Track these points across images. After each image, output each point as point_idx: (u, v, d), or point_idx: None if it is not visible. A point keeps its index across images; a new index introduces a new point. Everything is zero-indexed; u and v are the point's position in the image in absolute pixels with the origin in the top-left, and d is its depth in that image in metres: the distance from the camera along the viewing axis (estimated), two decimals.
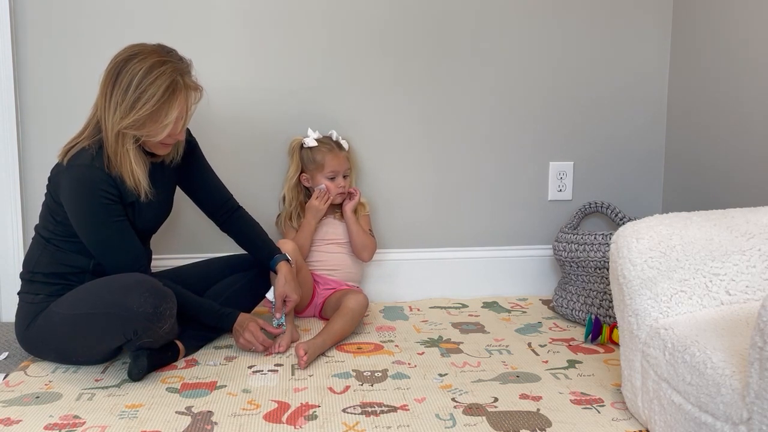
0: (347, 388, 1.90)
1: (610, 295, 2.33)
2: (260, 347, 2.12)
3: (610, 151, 2.75)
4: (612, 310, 2.29)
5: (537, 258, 2.76)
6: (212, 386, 1.92)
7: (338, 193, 2.49)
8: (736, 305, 1.63)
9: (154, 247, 2.26)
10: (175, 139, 2.02)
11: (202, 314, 2.11)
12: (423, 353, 2.15)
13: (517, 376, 1.97)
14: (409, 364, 2.07)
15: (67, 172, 1.95)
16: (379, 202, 2.66)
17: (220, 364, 2.07)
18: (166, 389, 1.90)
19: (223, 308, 2.14)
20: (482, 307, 2.61)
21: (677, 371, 1.49)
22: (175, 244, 2.54)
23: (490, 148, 2.70)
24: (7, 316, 2.46)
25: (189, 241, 2.55)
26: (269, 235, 2.33)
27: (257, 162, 2.57)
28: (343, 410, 1.76)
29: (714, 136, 2.48)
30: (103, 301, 1.89)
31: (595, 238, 2.40)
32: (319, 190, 2.47)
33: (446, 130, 2.67)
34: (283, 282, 2.19)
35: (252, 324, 2.12)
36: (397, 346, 2.21)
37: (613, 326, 2.20)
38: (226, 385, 1.92)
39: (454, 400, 1.82)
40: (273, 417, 1.73)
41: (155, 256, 2.28)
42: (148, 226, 2.12)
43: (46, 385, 1.93)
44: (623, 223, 2.44)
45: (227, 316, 2.13)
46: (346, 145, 2.52)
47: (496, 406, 1.78)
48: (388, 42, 2.59)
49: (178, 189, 2.24)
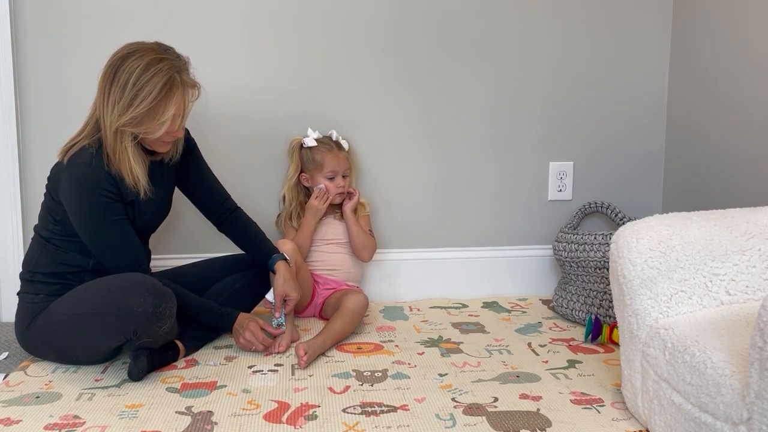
0: (347, 388, 1.90)
1: (610, 295, 2.33)
2: (260, 347, 2.12)
3: (610, 151, 2.75)
4: (612, 310, 2.29)
5: (537, 258, 2.76)
6: (212, 386, 1.92)
7: (337, 193, 2.49)
8: (736, 305, 1.63)
9: (154, 247, 2.26)
10: (174, 137, 2.02)
11: (202, 314, 2.11)
12: (423, 353, 2.15)
13: (517, 376, 1.97)
14: (409, 364, 2.07)
15: (67, 170, 1.95)
16: (379, 202, 2.66)
17: (220, 364, 2.07)
18: (166, 389, 1.90)
19: (223, 308, 2.14)
20: (482, 307, 2.61)
21: (677, 371, 1.49)
22: (174, 244, 2.54)
23: (490, 148, 2.70)
24: (7, 316, 2.46)
25: (188, 241, 2.55)
26: (269, 235, 2.33)
27: (257, 162, 2.57)
28: (343, 410, 1.76)
29: (714, 136, 2.48)
30: (103, 300, 1.89)
31: (595, 238, 2.40)
32: (319, 190, 2.47)
33: (446, 130, 2.67)
34: (282, 281, 2.19)
35: (252, 324, 2.12)
36: (397, 346, 2.21)
37: (613, 326, 2.20)
38: (226, 385, 1.92)
39: (454, 400, 1.82)
40: (273, 417, 1.73)
41: (155, 256, 2.28)
42: (147, 225, 2.12)
43: (46, 385, 1.93)
44: (623, 223, 2.44)
45: (227, 316, 2.13)
46: (346, 145, 2.52)
47: (496, 406, 1.78)
48: (388, 42, 2.59)
49: (177, 190, 2.24)
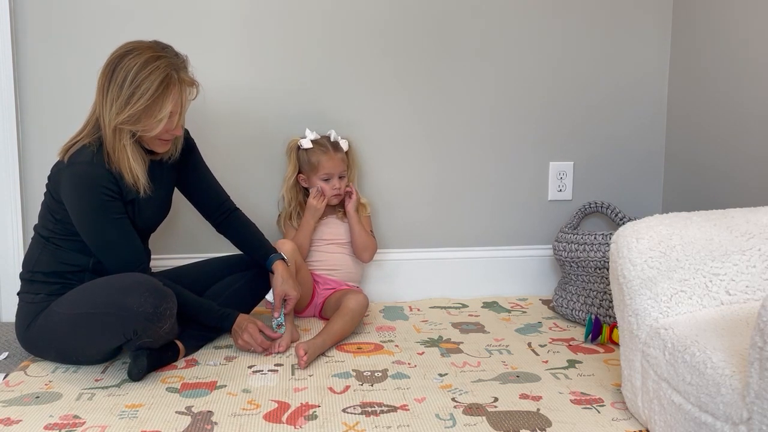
0: (347, 388, 1.90)
1: (610, 295, 2.33)
2: (258, 349, 2.12)
3: (610, 151, 2.75)
4: (612, 310, 2.29)
5: (537, 258, 2.76)
6: (212, 386, 1.91)
7: (333, 195, 2.48)
8: (736, 305, 1.63)
9: (154, 247, 2.26)
10: (173, 135, 2.03)
11: (202, 314, 2.11)
12: (423, 353, 2.15)
13: (517, 376, 1.97)
14: (409, 364, 2.07)
15: (68, 169, 1.95)
16: (380, 202, 2.66)
17: (220, 364, 2.07)
18: (166, 389, 1.90)
19: (223, 309, 2.14)
20: (482, 307, 2.61)
21: (677, 371, 1.49)
22: (174, 244, 2.54)
23: (490, 148, 2.70)
24: (7, 316, 2.46)
25: (188, 241, 2.55)
26: (269, 236, 2.33)
27: (257, 162, 2.57)
28: (343, 410, 1.76)
29: (714, 136, 2.48)
30: (103, 300, 1.89)
31: (595, 238, 2.40)
32: (316, 190, 2.47)
33: (446, 130, 2.67)
34: (281, 281, 2.19)
35: (251, 326, 2.12)
36: (397, 346, 2.21)
37: (613, 326, 2.20)
38: (226, 385, 1.92)
39: (454, 400, 1.82)
40: (273, 417, 1.73)
41: (154, 256, 2.28)
42: (147, 224, 2.12)
43: (46, 385, 1.93)
44: (623, 223, 2.44)
45: (226, 317, 2.13)
46: (345, 146, 2.51)
47: (496, 406, 1.78)
48: (388, 42, 2.59)
49: (177, 190, 2.24)
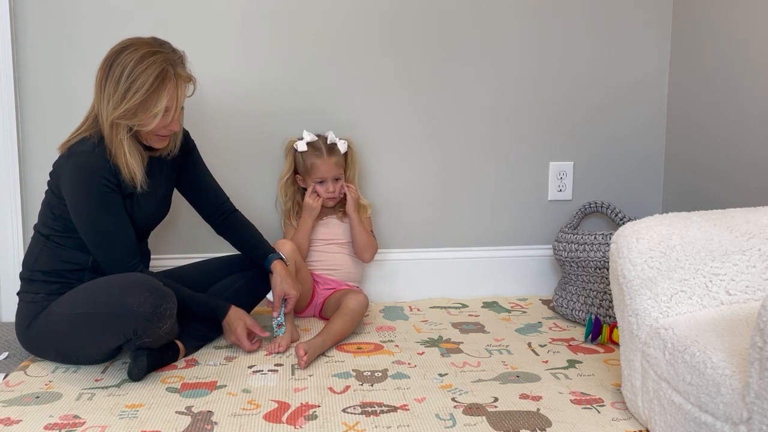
0: (347, 388, 1.90)
1: (610, 295, 2.33)
2: (246, 349, 2.13)
3: (610, 151, 2.75)
4: (612, 310, 2.29)
5: (537, 258, 2.76)
6: (212, 386, 1.92)
7: (328, 197, 2.47)
8: (736, 305, 1.63)
9: (153, 247, 2.26)
10: (170, 131, 2.03)
11: (194, 305, 2.09)
12: (423, 353, 2.15)
13: (517, 376, 1.97)
14: (409, 364, 2.07)
15: (69, 159, 1.96)
16: (380, 202, 2.66)
17: (220, 364, 2.07)
18: (166, 389, 1.90)
19: (215, 300, 2.13)
20: (482, 307, 2.61)
21: (677, 371, 1.49)
22: (174, 244, 2.54)
23: (490, 148, 2.70)
24: (7, 316, 2.46)
25: (188, 241, 2.55)
26: (269, 236, 2.33)
27: (256, 162, 2.57)
28: (343, 410, 1.76)
29: (714, 136, 2.48)
30: (103, 300, 1.89)
31: (595, 238, 2.40)
32: (312, 189, 2.47)
33: (446, 130, 2.67)
34: (280, 280, 2.19)
35: (239, 328, 2.11)
36: (397, 346, 2.21)
37: (613, 326, 2.20)
38: (226, 385, 1.92)
39: (454, 400, 1.82)
40: (273, 417, 1.73)
41: (154, 256, 2.28)
42: (146, 221, 2.12)
43: (46, 385, 1.93)
44: (623, 223, 2.44)
45: (219, 309, 2.12)
46: (343, 147, 2.49)
47: (496, 406, 1.78)
48: (388, 42, 2.59)
49: (176, 192, 2.24)
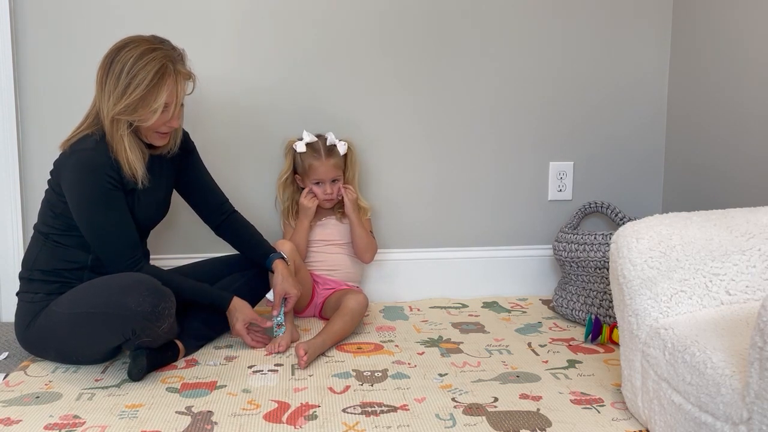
0: (347, 388, 1.90)
1: (610, 295, 2.33)
2: (249, 344, 2.17)
3: (610, 151, 2.75)
4: (612, 310, 2.29)
5: (537, 258, 2.76)
6: (212, 386, 1.92)
7: (325, 199, 2.47)
8: (736, 305, 1.63)
9: (153, 247, 2.26)
10: (170, 128, 2.03)
11: (200, 296, 2.11)
12: (423, 353, 2.15)
13: (517, 376, 1.97)
14: (409, 364, 2.07)
15: (72, 156, 1.96)
16: (380, 202, 2.66)
17: (220, 364, 2.07)
18: (166, 389, 1.90)
19: (219, 291, 2.14)
20: (482, 307, 2.61)
21: (677, 371, 1.49)
22: (174, 244, 2.54)
23: (490, 148, 2.70)
24: (7, 316, 2.46)
25: (188, 241, 2.55)
26: (268, 235, 2.33)
27: (256, 162, 2.57)
28: (343, 410, 1.76)
29: (714, 136, 2.48)
30: (103, 300, 1.89)
31: (595, 238, 2.40)
32: (308, 190, 2.47)
33: (446, 130, 2.67)
34: (281, 279, 2.19)
35: (237, 323, 2.13)
36: (397, 346, 2.21)
37: (613, 326, 2.20)
38: (226, 385, 1.92)
39: (454, 400, 1.82)
40: (273, 417, 1.73)
41: (154, 256, 2.28)
42: (146, 220, 2.12)
43: (46, 385, 1.93)
44: (623, 223, 2.44)
45: (221, 298, 2.13)
46: (342, 149, 2.47)
47: (496, 406, 1.78)
48: (388, 42, 2.59)
49: (176, 193, 2.25)
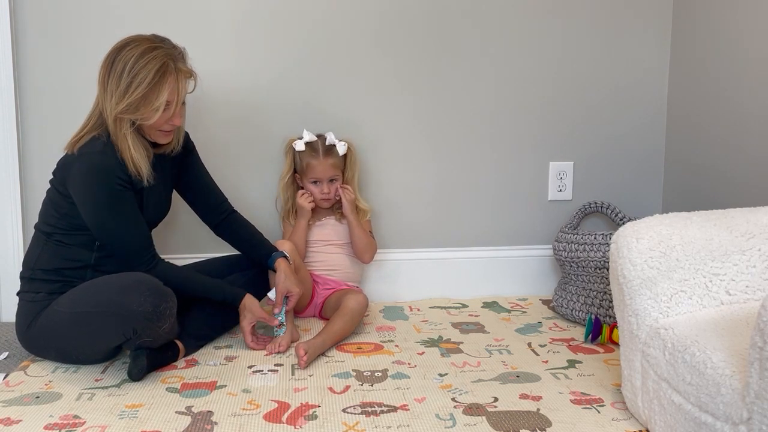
0: (347, 388, 1.90)
1: (610, 295, 2.33)
2: (248, 346, 2.17)
3: (610, 151, 2.75)
4: (612, 310, 2.29)
5: (537, 258, 2.76)
6: (212, 386, 1.92)
7: (322, 198, 2.47)
8: (736, 305, 1.63)
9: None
10: (172, 126, 2.04)
11: (212, 292, 2.13)
12: (423, 353, 2.15)
13: (517, 376, 1.97)
14: (409, 364, 2.07)
15: (80, 160, 1.96)
16: (380, 202, 2.66)
17: (220, 364, 2.07)
18: (166, 389, 1.90)
19: (231, 288, 2.15)
20: (482, 307, 2.61)
21: (677, 371, 1.49)
22: (174, 244, 2.54)
23: (490, 148, 2.70)
24: (7, 316, 2.46)
25: (188, 241, 2.55)
26: (268, 235, 2.33)
27: (256, 161, 2.57)
28: (343, 410, 1.77)
29: (714, 136, 2.48)
30: (104, 299, 1.89)
31: (595, 238, 2.40)
32: (304, 189, 2.47)
33: (446, 130, 2.67)
34: (283, 278, 2.19)
35: (244, 322, 2.14)
36: (397, 346, 2.21)
37: (613, 326, 2.20)
38: (226, 385, 1.92)
39: (454, 400, 1.82)
40: (273, 417, 1.73)
41: None
42: (151, 218, 2.12)
43: (46, 385, 1.93)
44: (623, 223, 2.44)
45: (234, 295, 2.14)
46: (342, 149, 2.47)
47: (496, 406, 1.78)
48: (388, 41, 2.59)
49: (175, 193, 2.25)
